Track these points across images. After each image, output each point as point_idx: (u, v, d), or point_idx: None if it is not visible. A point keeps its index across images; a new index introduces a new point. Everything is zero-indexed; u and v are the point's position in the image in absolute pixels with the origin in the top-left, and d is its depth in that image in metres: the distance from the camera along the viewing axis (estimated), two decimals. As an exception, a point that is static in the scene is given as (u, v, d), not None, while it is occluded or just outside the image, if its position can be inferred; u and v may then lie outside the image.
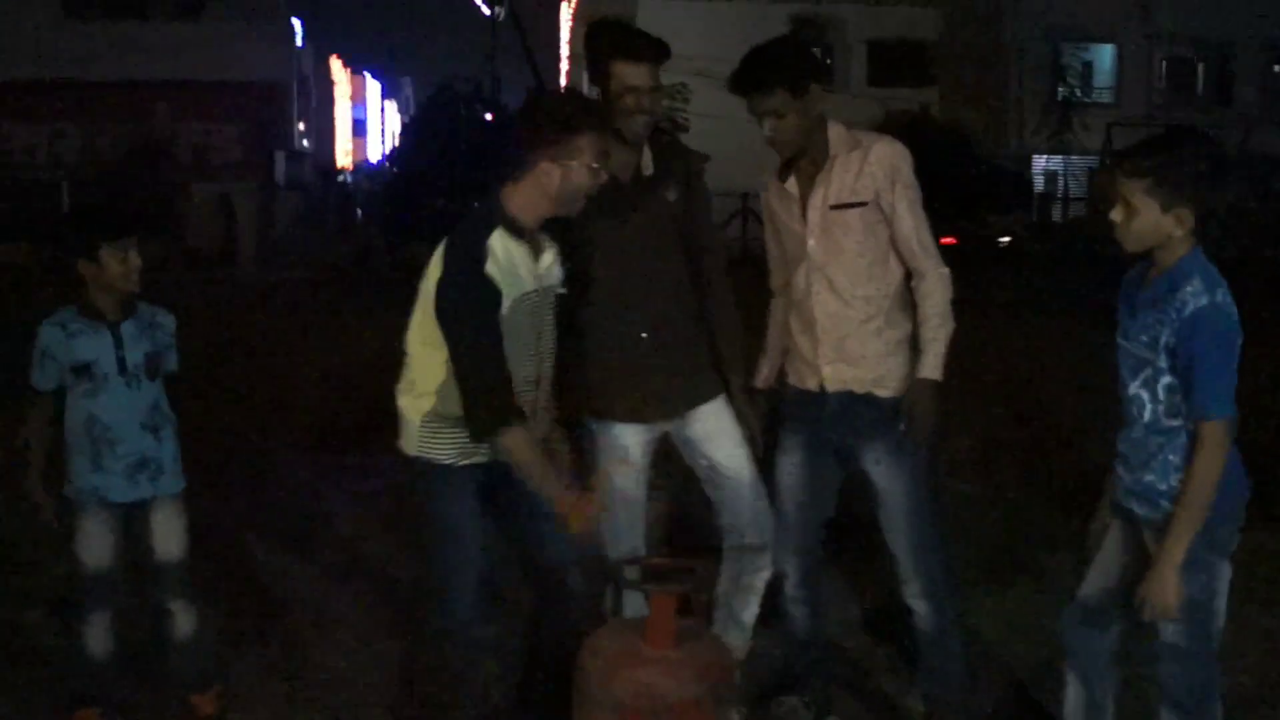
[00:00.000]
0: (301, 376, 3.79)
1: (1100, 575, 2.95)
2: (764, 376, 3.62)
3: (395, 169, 24.63)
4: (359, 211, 25.39)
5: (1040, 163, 31.68)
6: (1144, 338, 2.71)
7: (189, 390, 3.59)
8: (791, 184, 3.36)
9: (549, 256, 3.12)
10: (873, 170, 3.25)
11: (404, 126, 26.24)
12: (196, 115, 30.15)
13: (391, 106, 73.38)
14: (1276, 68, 34.57)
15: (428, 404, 3.06)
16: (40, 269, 20.49)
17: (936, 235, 3.33)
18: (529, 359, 3.08)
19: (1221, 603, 2.75)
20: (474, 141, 20.76)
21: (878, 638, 4.13)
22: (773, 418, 3.56)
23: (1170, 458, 2.70)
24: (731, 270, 3.60)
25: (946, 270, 3.31)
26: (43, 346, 3.39)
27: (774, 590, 3.58)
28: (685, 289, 3.41)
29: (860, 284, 3.30)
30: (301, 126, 42.50)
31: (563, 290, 3.18)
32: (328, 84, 52.17)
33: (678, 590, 2.85)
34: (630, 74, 3.16)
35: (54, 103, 28.78)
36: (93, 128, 28.73)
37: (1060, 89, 32.36)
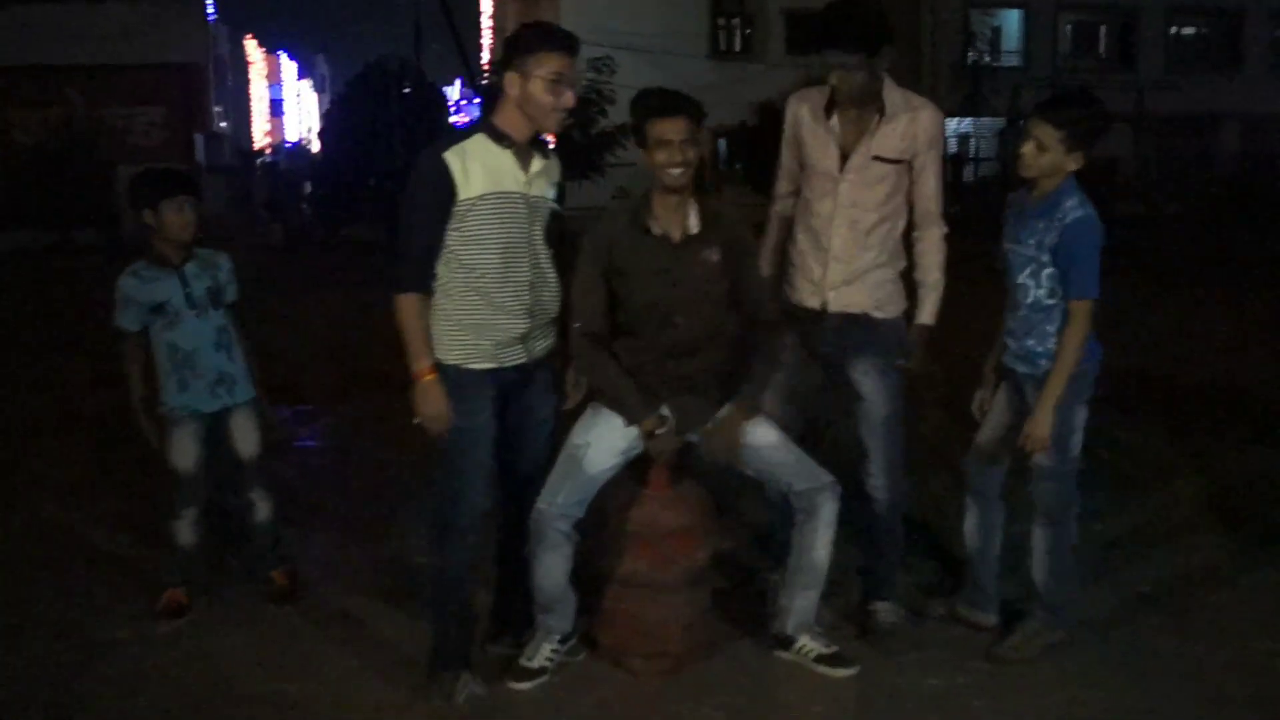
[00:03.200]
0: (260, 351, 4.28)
1: (992, 426, 3.77)
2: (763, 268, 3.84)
3: (323, 148, 24.58)
4: (294, 191, 25.23)
5: (951, 125, 32.62)
6: (1032, 241, 3.49)
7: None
8: (835, 123, 3.65)
9: (538, 166, 3.37)
10: (917, 133, 3.60)
11: (330, 105, 25.99)
12: (113, 99, 29.74)
13: (307, 85, 72.39)
14: (1174, 30, 35.93)
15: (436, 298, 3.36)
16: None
17: None
18: (522, 262, 3.34)
19: (1079, 438, 3.59)
20: (403, 119, 20.84)
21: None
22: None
23: (1047, 328, 3.52)
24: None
25: (946, 229, 3.72)
26: (123, 294, 3.98)
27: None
28: (726, 342, 3.55)
29: (877, 226, 3.65)
30: (219, 109, 41.99)
31: (557, 208, 3.45)
32: (243, 64, 51.42)
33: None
34: (661, 129, 3.36)
35: (-35, 90, 28.15)
36: (9, 114, 28.24)
37: (970, 54, 33.32)
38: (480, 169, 3.28)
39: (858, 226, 3.65)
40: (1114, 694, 3.50)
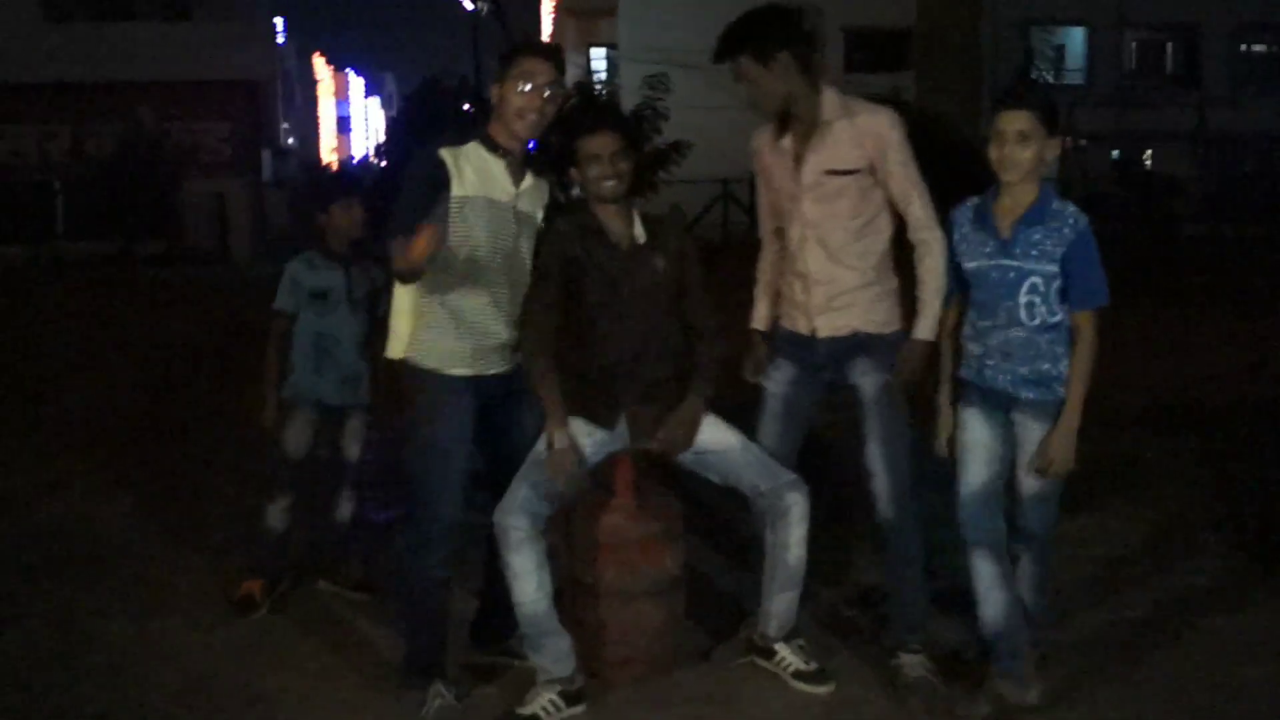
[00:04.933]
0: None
1: (982, 466, 3.41)
2: (762, 318, 3.78)
3: (383, 163, 24.96)
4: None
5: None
6: (1033, 252, 3.27)
7: (210, 375, 4.21)
8: (787, 142, 3.56)
9: (528, 182, 3.43)
10: (862, 140, 3.45)
11: (390, 121, 26.42)
12: (183, 115, 30.41)
13: (375, 103, 73.60)
14: (1242, 48, 35.24)
15: (410, 297, 3.38)
16: (36, 271, 20.99)
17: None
18: (506, 271, 3.38)
19: None
20: (460, 134, 21.10)
21: (845, 564, 4.61)
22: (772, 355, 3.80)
23: (1058, 349, 3.30)
24: (715, 254, 4.01)
25: (941, 234, 3.47)
26: (291, 275, 4.26)
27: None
28: (674, 349, 3.58)
29: (851, 243, 3.50)
30: (287, 125, 42.88)
31: (541, 224, 3.50)
32: (311, 82, 52.44)
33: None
34: (590, 145, 3.42)
35: (41, 105, 28.99)
36: (81, 129, 29.00)
37: (1032, 72, 32.96)
38: (472, 172, 3.35)
39: (829, 245, 3.53)
40: (1097, 713, 3.42)
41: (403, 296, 3.42)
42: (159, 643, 4.01)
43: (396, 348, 3.46)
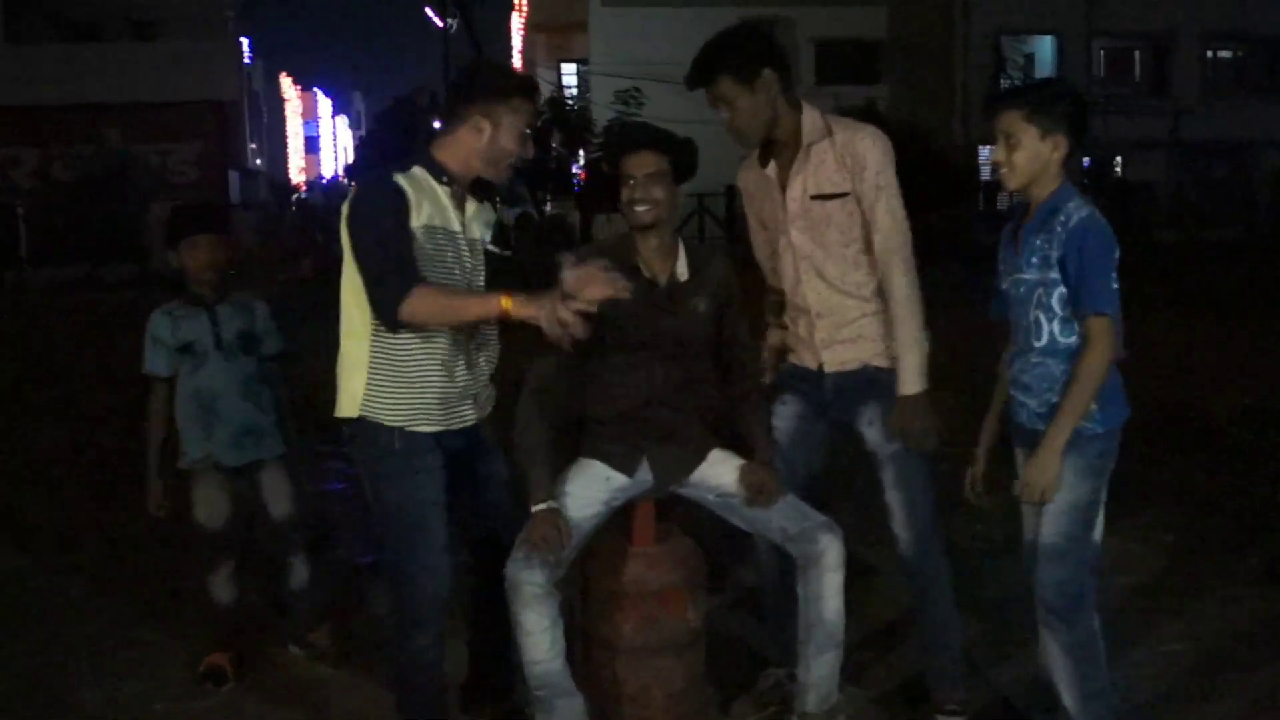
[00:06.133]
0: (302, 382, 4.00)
1: (1034, 519, 3.06)
2: (769, 374, 3.54)
3: (351, 184, 24.73)
4: (325, 225, 25.41)
5: (985, 153, 32.30)
6: (1034, 259, 2.92)
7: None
8: (771, 169, 3.33)
9: (472, 208, 3.13)
10: (844, 159, 3.20)
11: (359, 140, 26.24)
12: (150, 136, 30.08)
13: (343, 122, 73.20)
14: (1210, 54, 35.49)
15: (362, 350, 3.00)
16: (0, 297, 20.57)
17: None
18: None
19: (1100, 515, 3.00)
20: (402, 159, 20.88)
21: (867, 613, 4.33)
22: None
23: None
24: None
25: (908, 256, 3.21)
26: (153, 334, 3.77)
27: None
28: (708, 391, 3.33)
29: (849, 271, 3.26)
30: (254, 145, 42.46)
31: (495, 250, 3.26)
32: (279, 102, 52.03)
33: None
34: (625, 165, 3.19)
35: (6, 128, 28.60)
36: (47, 151, 28.63)
37: (1002, 80, 33.04)
38: (426, 201, 3.00)
39: (825, 275, 3.27)
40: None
41: (352, 347, 3.03)
42: (132, 708, 3.70)
43: (349, 406, 3.03)
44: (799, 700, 3.28)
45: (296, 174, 52.84)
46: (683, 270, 3.25)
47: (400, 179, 2.98)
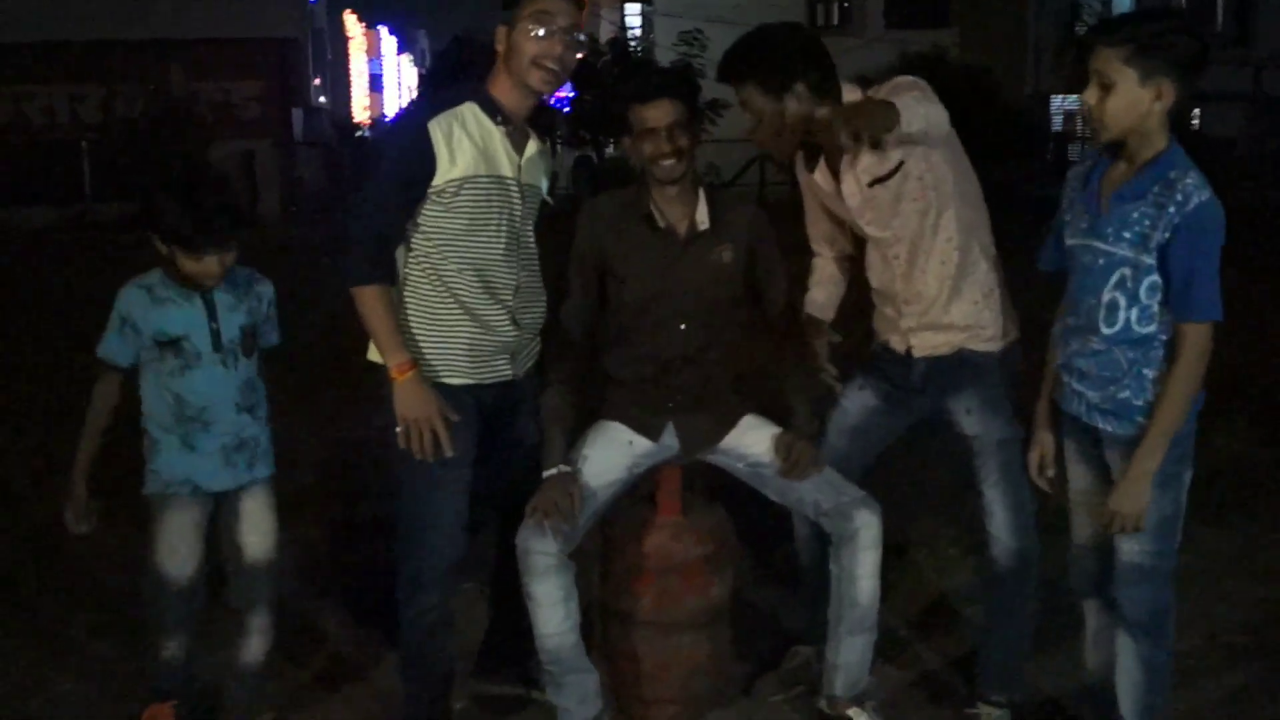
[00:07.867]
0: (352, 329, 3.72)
1: (1084, 517, 2.85)
2: (818, 305, 3.35)
3: (414, 122, 24.67)
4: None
5: (1057, 102, 31.41)
6: (1126, 234, 2.52)
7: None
8: (821, 173, 3.09)
9: (532, 149, 2.96)
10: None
11: (420, 79, 26.10)
12: (213, 74, 30.17)
13: (407, 60, 72.98)
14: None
15: (394, 294, 2.87)
16: (64, 231, 20.80)
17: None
18: (510, 262, 2.93)
19: (1181, 521, 2.69)
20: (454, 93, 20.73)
21: (905, 601, 4.08)
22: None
23: (1145, 371, 2.57)
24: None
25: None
26: (122, 312, 2.88)
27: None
28: (734, 351, 3.17)
29: (928, 250, 3.00)
30: (317, 82, 42.49)
31: (548, 200, 3.09)
32: (342, 39, 51.96)
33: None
34: (643, 116, 2.96)
35: (71, 64, 28.80)
36: (111, 88, 28.78)
37: (1078, 26, 32.00)
38: (469, 145, 2.83)
39: (911, 260, 3.04)
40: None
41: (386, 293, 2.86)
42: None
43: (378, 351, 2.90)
44: (826, 682, 3.11)
45: (360, 112, 52.86)
46: (703, 218, 3.05)
47: (438, 125, 2.80)
